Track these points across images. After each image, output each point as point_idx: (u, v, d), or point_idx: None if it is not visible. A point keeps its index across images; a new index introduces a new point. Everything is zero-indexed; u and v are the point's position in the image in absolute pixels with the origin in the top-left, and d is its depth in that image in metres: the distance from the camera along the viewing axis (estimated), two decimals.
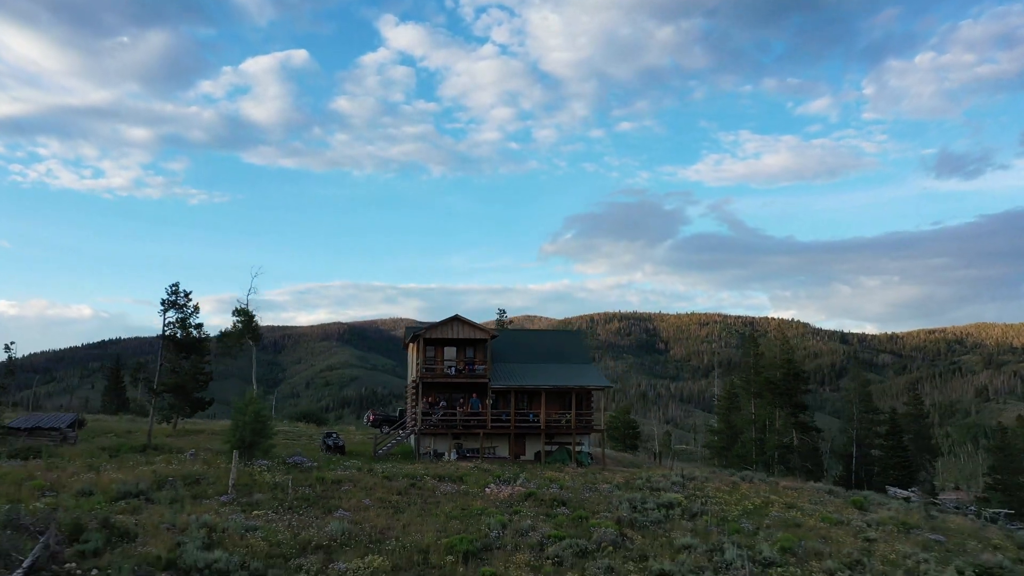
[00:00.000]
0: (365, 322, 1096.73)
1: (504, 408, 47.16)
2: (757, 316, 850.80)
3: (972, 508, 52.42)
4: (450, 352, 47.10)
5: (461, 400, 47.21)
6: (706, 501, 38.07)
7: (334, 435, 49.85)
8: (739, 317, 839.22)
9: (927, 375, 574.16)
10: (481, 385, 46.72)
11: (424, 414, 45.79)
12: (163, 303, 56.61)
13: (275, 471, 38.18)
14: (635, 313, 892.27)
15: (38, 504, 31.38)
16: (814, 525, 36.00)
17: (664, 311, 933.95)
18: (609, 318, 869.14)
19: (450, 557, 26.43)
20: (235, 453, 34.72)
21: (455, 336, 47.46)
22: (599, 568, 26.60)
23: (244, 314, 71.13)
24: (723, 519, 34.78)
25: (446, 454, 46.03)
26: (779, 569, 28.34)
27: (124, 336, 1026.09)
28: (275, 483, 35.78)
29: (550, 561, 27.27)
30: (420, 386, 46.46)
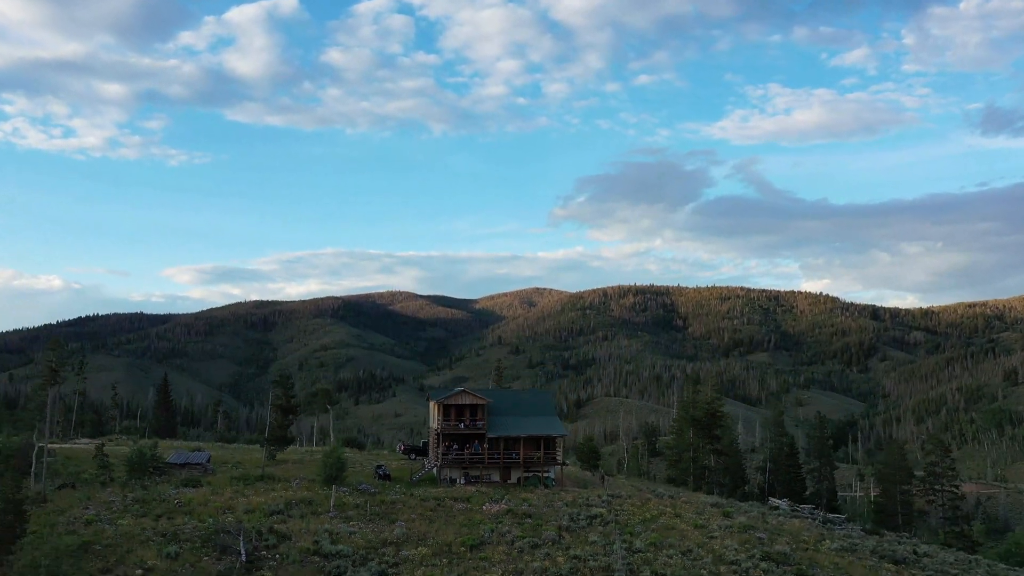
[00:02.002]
0: (360, 295, 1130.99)
1: (496, 450, 77.44)
2: (783, 289, 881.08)
3: (817, 513, 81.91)
4: (460, 412, 77.05)
5: (467, 445, 77.55)
6: (619, 513, 68.69)
7: (383, 467, 79.80)
8: (763, 291, 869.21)
9: (959, 355, 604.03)
10: (481, 435, 77.07)
11: (444, 454, 76.57)
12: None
13: (353, 495, 68.84)
14: (652, 287, 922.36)
15: (227, 518, 62.37)
16: (683, 528, 66.56)
17: (683, 284, 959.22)
18: (624, 292, 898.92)
19: (463, 548, 57.16)
20: (333, 488, 65.41)
21: (463, 403, 77.51)
22: (542, 554, 57.36)
23: (326, 395, 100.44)
24: (624, 525, 65.37)
25: (458, 480, 76.31)
26: (641, 554, 58.99)
27: (102, 312, 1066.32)
28: (355, 504, 66.56)
29: (517, 551, 58.02)
30: (440, 435, 77.04)
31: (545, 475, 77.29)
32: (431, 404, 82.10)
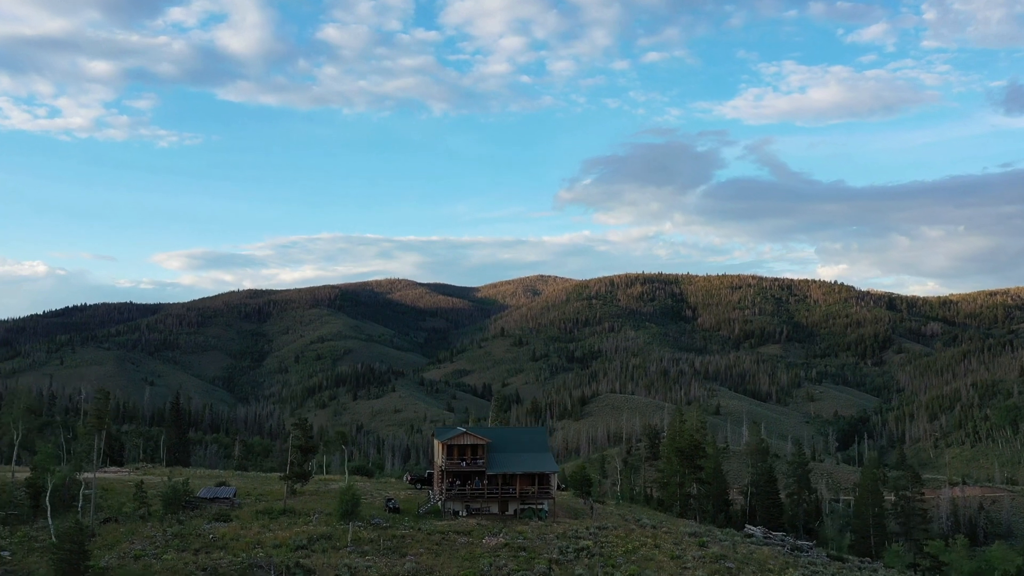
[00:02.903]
0: (358, 284, 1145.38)
1: (495, 485, 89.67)
2: (796, 278, 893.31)
3: (787, 539, 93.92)
4: (462, 451, 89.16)
5: (469, 481, 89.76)
6: (604, 545, 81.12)
7: (392, 500, 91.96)
8: (776, 279, 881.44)
9: (976, 348, 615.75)
10: (481, 472, 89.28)
11: (448, 489, 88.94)
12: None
13: (367, 529, 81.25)
14: (660, 275, 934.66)
15: (258, 553, 74.92)
16: (660, 559, 78.99)
17: (693, 270, 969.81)
18: (631, 280, 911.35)
19: None
20: (350, 525, 77.91)
21: (465, 443, 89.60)
22: None
23: (342, 436, 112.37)
24: (608, 558, 77.79)
25: (460, 512, 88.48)
26: None
27: (89, 302, 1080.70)
28: (370, 538, 79.02)
29: None
30: (444, 472, 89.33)
31: (539, 508, 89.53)
32: (436, 443, 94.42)
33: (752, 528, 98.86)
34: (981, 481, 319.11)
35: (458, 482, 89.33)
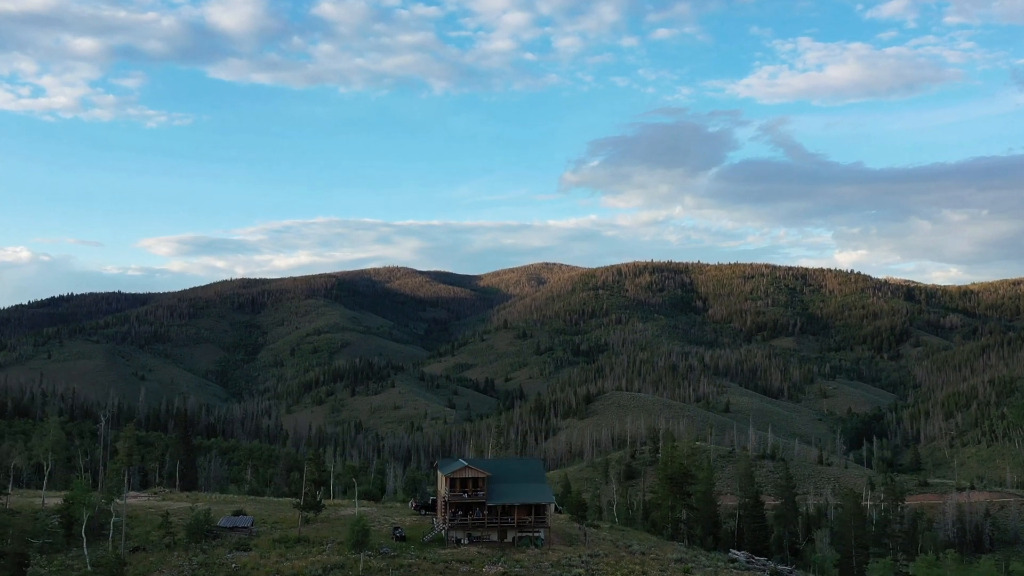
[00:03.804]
0: (355, 272, 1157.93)
1: (495, 515, 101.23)
2: (811, 267, 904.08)
3: (768, 564, 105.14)
4: (464, 484, 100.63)
5: (471, 511, 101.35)
6: (595, 573, 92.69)
7: (399, 528, 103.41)
8: (790, 268, 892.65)
9: (996, 342, 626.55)
10: (482, 503, 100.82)
11: (451, 519, 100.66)
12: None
13: (376, 558, 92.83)
14: (670, 263, 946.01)
15: None
16: None
17: (704, 258, 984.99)
18: (639, 269, 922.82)
19: None
20: (361, 555, 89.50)
21: (467, 476, 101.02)
22: None
23: (353, 471, 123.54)
24: None
25: (462, 540, 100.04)
26: None
27: (76, 291, 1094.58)
28: (379, 568, 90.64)
29: None
30: (448, 504, 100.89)
31: (536, 536, 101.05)
32: (440, 475, 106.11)
33: (736, 553, 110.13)
34: (993, 484, 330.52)
35: (460, 512, 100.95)
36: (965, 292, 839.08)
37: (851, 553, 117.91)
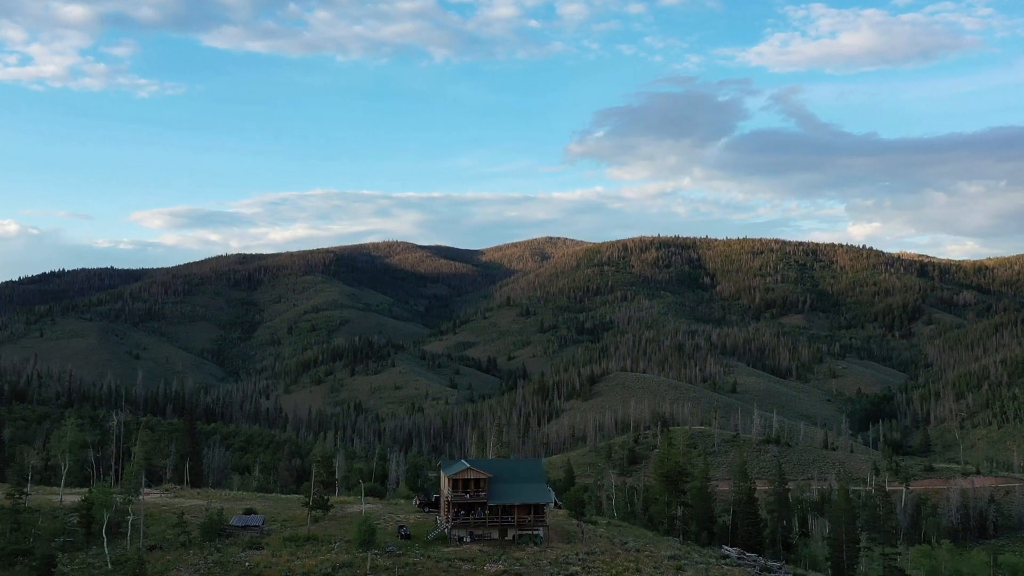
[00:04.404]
0: (354, 247, 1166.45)
1: (496, 515, 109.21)
2: (822, 242, 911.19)
3: (758, 560, 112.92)
4: (466, 484, 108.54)
5: (473, 511, 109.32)
6: (591, 570, 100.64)
7: (405, 527, 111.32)
8: (800, 244, 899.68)
9: (1010, 320, 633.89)
10: (483, 503, 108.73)
11: (453, 518, 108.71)
12: None
13: (382, 557, 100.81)
14: (677, 238, 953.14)
15: None
16: None
17: (713, 232, 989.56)
18: (646, 244, 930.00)
19: None
20: (368, 554, 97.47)
21: (469, 477, 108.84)
22: None
23: (360, 473, 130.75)
24: None
25: (464, 538, 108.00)
26: None
27: (67, 267, 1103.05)
28: (386, 566, 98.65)
29: None
30: (451, 503, 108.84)
31: (535, 534, 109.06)
32: (443, 476, 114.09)
33: (728, 549, 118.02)
34: (1001, 468, 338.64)
35: (463, 511, 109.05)
36: (980, 268, 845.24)
37: (842, 548, 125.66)
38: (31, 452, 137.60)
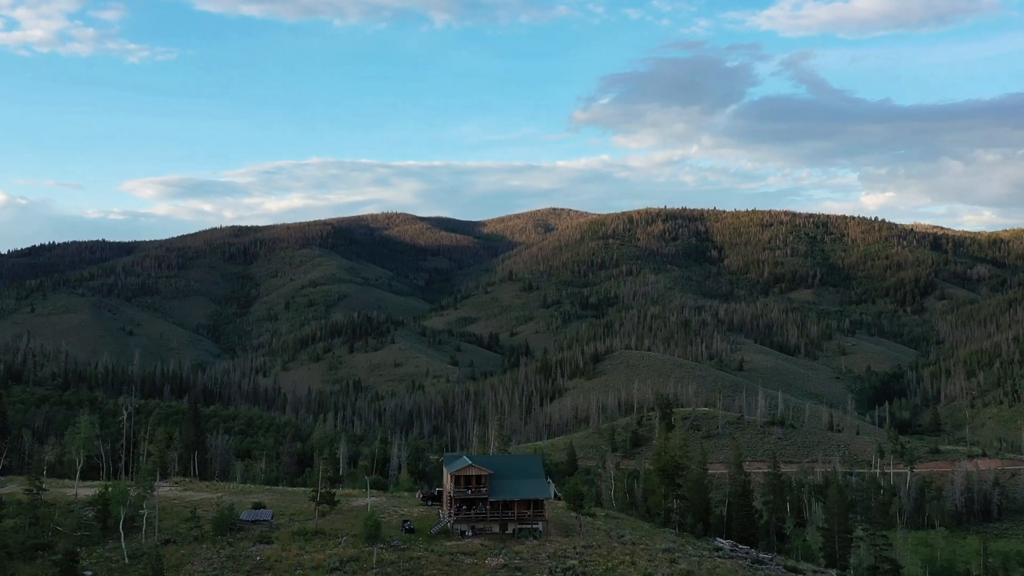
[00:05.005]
0: (352, 218, 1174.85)
1: (497, 510, 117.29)
2: (833, 214, 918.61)
3: (750, 552, 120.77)
4: (468, 481, 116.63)
5: (474, 506, 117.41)
6: (587, 564, 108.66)
7: (408, 521, 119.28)
8: (811, 216, 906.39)
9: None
10: (484, 498, 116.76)
11: (456, 513, 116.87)
12: None
13: (388, 551, 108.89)
14: (684, 210, 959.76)
15: (300, 573, 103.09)
16: (634, 574, 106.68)
17: (721, 204, 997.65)
18: (652, 216, 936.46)
19: None
20: (375, 549, 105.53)
21: (471, 474, 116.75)
22: None
23: (366, 470, 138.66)
24: (589, 575, 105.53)
25: (466, 532, 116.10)
26: None
27: (57, 239, 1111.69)
28: (391, 560, 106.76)
29: None
30: (453, 499, 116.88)
31: (534, 528, 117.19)
32: (445, 472, 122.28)
33: (721, 541, 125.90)
34: (1008, 449, 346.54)
35: (465, 507, 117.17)
36: (995, 241, 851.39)
37: (835, 538, 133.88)
38: (46, 448, 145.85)
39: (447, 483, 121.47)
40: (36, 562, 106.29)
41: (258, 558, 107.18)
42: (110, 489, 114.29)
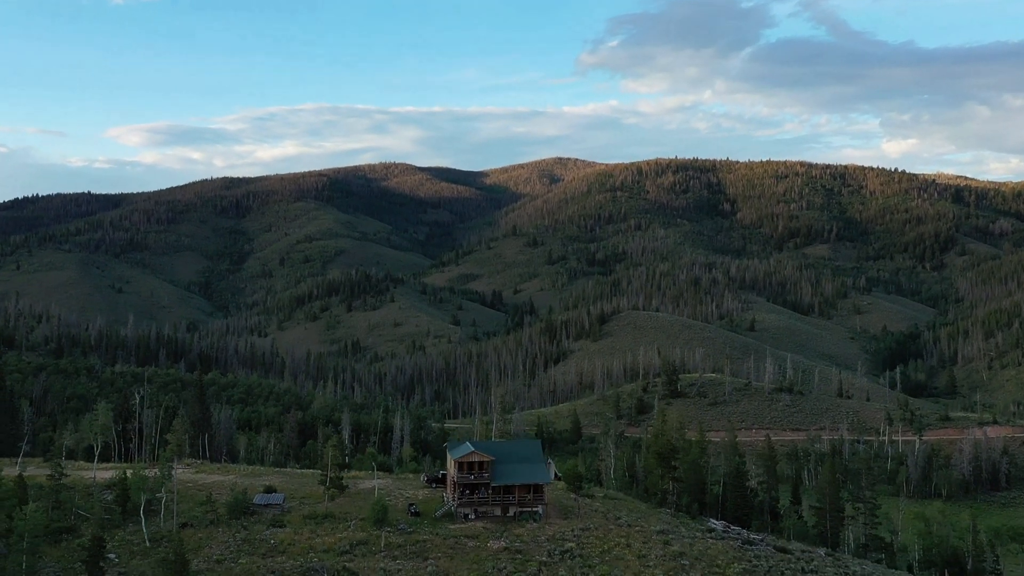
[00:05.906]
0: (348, 169, 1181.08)
1: (498, 494, 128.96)
2: (851, 164, 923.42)
3: (742, 533, 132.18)
4: (471, 467, 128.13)
5: (477, 490, 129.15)
6: (584, 546, 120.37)
7: (414, 505, 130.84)
8: (827, 167, 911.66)
9: None
10: (487, 483, 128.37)
11: (459, 497, 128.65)
12: None
13: (395, 534, 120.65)
14: (695, 160, 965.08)
15: (312, 556, 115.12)
16: (629, 559, 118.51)
17: (734, 156, 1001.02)
18: (662, 168, 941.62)
19: None
20: (383, 532, 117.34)
21: (473, 460, 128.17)
22: None
23: (372, 456, 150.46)
24: (586, 559, 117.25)
25: (469, 515, 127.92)
26: None
27: (41, 191, 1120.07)
28: (398, 544, 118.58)
29: None
30: (457, 484, 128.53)
31: (535, 511, 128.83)
32: (449, 458, 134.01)
33: (715, 523, 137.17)
34: (1021, 415, 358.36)
35: (468, 491, 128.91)
36: (1019, 192, 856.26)
37: (827, 517, 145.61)
38: (65, 433, 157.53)
39: (451, 468, 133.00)
40: (61, 545, 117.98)
41: (272, 541, 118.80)
42: (129, 474, 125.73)
